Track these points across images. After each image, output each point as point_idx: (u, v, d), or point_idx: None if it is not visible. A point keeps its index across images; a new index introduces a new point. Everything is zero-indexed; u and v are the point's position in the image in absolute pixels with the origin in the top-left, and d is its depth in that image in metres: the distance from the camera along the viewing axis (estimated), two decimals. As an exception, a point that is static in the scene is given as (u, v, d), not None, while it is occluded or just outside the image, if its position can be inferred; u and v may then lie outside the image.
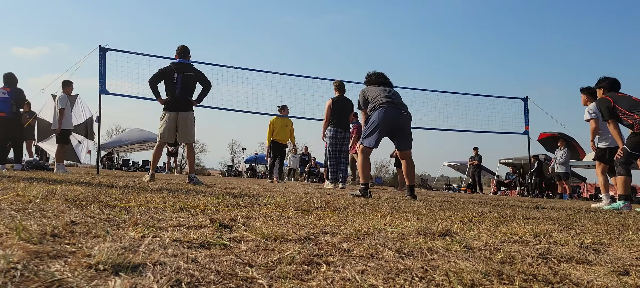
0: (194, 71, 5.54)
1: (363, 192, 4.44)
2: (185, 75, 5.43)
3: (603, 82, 5.21)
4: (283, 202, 2.79)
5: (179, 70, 5.43)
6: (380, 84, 4.84)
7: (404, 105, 4.67)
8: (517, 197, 11.23)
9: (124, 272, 0.83)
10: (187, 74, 5.46)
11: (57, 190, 2.62)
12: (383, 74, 4.95)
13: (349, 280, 0.89)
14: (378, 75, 4.93)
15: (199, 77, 5.53)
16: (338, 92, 7.36)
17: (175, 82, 5.40)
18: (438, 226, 1.81)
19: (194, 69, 5.58)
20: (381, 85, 4.81)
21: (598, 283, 0.98)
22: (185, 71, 5.46)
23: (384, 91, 4.67)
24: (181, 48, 5.64)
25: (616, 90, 5.11)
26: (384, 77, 4.92)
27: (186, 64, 5.55)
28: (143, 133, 21.37)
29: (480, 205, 3.87)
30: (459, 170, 24.63)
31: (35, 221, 1.33)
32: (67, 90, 8.01)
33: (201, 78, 5.53)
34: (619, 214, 3.66)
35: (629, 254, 1.42)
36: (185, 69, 5.48)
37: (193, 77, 5.48)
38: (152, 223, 1.47)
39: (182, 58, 5.60)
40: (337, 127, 7.24)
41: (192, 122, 5.58)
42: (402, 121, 4.59)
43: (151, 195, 2.69)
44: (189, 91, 5.50)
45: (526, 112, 9.93)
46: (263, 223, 1.65)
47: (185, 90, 5.45)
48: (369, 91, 4.77)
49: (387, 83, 4.89)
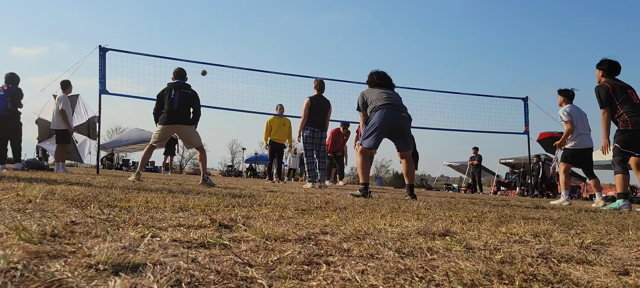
0: (191, 91, 5.77)
1: (363, 192, 4.46)
2: (183, 93, 5.66)
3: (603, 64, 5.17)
4: (283, 202, 2.79)
5: (176, 88, 5.67)
6: (381, 86, 4.84)
7: (404, 107, 4.67)
8: (517, 197, 11.23)
9: (124, 272, 0.83)
10: (185, 91, 5.69)
11: (57, 190, 2.62)
12: (385, 75, 4.93)
13: (349, 280, 0.89)
14: (380, 75, 4.91)
15: (194, 99, 5.75)
16: (317, 90, 7.26)
17: (173, 97, 5.63)
18: (438, 226, 1.81)
19: (191, 89, 5.80)
20: (382, 87, 4.82)
21: (598, 283, 0.98)
22: (183, 89, 5.69)
23: (383, 93, 4.68)
24: (178, 70, 5.87)
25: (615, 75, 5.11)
26: (385, 79, 4.89)
27: (183, 83, 5.78)
28: (143, 133, 21.37)
29: (480, 205, 3.87)
30: (459, 170, 24.64)
31: (35, 221, 1.33)
32: (66, 91, 8.01)
33: (195, 100, 5.76)
34: (619, 214, 3.66)
35: (629, 254, 1.42)
36: (182, 87, 5.71)
37: (190, 96, 5.72)
38: (152, 223, 1.47)
39: (179, 79, 5.82)
40: (314, 126, 7.13)
41: (194, 130, 5.81)
42: (401, 123, 4.60)
43: (151, 195, 2.68)
44: (187, 107, 5.71)
45: (526, 112, 9.93)
46: (263, 223, 1.65)
47: (183, 105, 5.66)
48: (369, 94, 4.79)
49: (389, 84, 4.87)
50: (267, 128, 9.23)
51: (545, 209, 3.83)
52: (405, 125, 4.66)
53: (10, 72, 7.33)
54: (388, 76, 4.93)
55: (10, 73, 7.32)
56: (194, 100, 5.74)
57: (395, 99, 4.66)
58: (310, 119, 7.13)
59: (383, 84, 4.85)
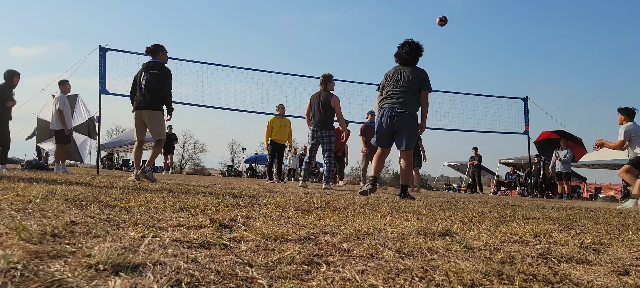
0: (160, 69, 5.33)
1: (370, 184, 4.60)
2: (151, 74, 5.27)
3: None
4: (283, 202, 2.79)
5: (146, 69, 5.33)
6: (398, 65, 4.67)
7: (402, 103, 4.48)
8: (517, 197, 11.23)
9: (124, 272, 0.83)
10: (153, 72, 5.28)
11: (57, 190, 2.62)
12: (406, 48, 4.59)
13: (349, 280, 0.89)
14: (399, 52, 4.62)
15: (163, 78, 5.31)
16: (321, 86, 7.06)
17: (142, 80, 5.30)
18: (438, 226, 1.81)
19: (161, 67, 5.37)
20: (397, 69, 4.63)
21: (598, 283, 0.98)
22: (152, 69, 5.30)
23: (389, 85, 4.59)
24: (151, 46, 5.47)
25: None
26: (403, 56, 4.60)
27: (155, 63, 5.39)
28: (143, 133, 21.33)
29: (480, 205, 3.87)
30: (459, 170, 24.65)
31: (35, 221, 1.33)
32: (64, 89, 7.99)
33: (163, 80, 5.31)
34: (619, 214, 3.66)
35: (629, 254, 1.42)
36: (152, 67, 5.33)
37: (157, 75, 5.28)
38: (152, 223, 1.47)
39: (151, 56, 5.44)
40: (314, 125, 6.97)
41: (160, 119, 5.40)
42: (397, 121, 4.50)
43: (151, 195, 2.69)
44: (154, 90, 5.28)
45: (526, 112, 9.94)
46: (263, 223, 1.65)
47: (149, 89, 5.27)
48: (385, 78, 4.71)
49: (407, 62, 4.60)
50: (268, 128, 9.18)
51: (545, 209, 3.83)
52: (402, 123, 4.50)
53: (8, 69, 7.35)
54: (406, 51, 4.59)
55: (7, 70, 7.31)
56: (162, 80, 5.27)
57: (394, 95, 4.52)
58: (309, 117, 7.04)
59: (402, 62, 4.63)
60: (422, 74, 4.54)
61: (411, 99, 4.51)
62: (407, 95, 4.50)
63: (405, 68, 4.59)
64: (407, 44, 4.59)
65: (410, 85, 4.50)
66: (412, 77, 4.51)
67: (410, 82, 4.50)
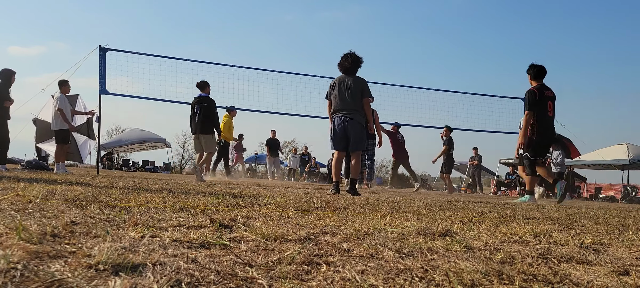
0: (207, 102, 7.37)
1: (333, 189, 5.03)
2: (202, 106, 7.33)
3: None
4: (283, 202, 2.79)
5: (198, 102, 7.37)
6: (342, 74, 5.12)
7: (351, 110, 4.98)
8: (517, 197, 11.22)
9: (124, 272, 0.83)
10: (202, 105, 7.33)
11: (57, 190, 2.62)
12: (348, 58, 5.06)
13: (349, 280, 0.89)
14: (342, 62, 5.09)
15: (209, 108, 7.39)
16: None
17: (196, 111, 7.40)
18: (438, 226, 1.81)
19: (208, 99, 7.39)
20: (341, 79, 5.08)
21: (598, 283, 0.98)
22: (202, 103, 7.34)
23: (336, 94, 5.05)
24: (199, 82, 7.44)
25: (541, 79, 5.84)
26: (345, 65, 5.08)
27: (203, 97, 7.39)
28: (143, 133, 21.31)
29: (480, 205, 3.87)
30: (459, 170, 24.61)
31: (35, 221, 1.33)
32: (64, 89, 7.98)
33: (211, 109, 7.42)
34: (619, 214, 3.66)
35: (629, 254, 1.42)
36: (202, 101, 7.36)
37: (206, 108, 7.36)
38: (152, 223, 1.47)
39: (201, 90, 7.44)
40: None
41: (211, 139, 7.49)
42: (348, 127, 5.01)
43: (151, 195, 2.69)
44: (206, 118, 7.35)
45: (526, 112, 9.91)
46: (263, 223, 1.65)
47: (201, 119, 7.34)
48: (331, 87, 5.19)
49: (348, 71, 5.07)
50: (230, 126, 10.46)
51: (545, 209, 3.83)
52: (351, 129, 5.02)
53: None
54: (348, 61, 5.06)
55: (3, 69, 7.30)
56: (210, 110, 7.34)
57: (344, 103, 4.99)
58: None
59: (344, 71, 5.10)
60: (362, 83, 5.11)
61: (358, 106, 5.08)
62: (353, 104, 5.06)
63: (348, 78, 5.11)
64: (349, 55, 5.13)
65: (354, 94, 5.05)
66: (355, 85, 5.06)
67: (353, 91, 5.05)
